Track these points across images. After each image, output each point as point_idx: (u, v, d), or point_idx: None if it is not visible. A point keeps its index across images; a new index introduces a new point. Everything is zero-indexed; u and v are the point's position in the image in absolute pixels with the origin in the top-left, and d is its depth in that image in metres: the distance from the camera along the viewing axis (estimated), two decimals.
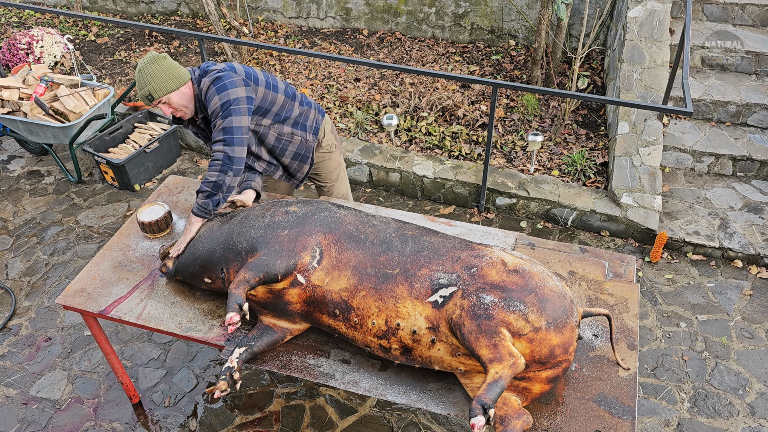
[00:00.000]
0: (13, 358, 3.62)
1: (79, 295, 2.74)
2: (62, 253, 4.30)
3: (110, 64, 6.37)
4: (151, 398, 3.38)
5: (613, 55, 5.37)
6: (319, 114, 3.20)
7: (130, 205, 4.73)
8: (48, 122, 4.56)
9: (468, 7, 6.18)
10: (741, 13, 5.30)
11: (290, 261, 2.33)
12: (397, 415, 3.25)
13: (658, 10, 5.06)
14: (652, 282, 3.99)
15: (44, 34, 6.07)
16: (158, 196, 3.29)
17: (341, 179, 3.46)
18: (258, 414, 3.28)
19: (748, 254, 4.05)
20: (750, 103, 4.77)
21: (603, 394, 2.26)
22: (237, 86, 2.70)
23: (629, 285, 2.67)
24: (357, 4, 6.55)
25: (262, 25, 6.90)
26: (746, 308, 3.80)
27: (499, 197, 4.52)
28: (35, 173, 5.12)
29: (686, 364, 3.49)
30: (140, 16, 7.32)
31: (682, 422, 3.21)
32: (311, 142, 3.13)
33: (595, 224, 4.35)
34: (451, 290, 2.17)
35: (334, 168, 3.38)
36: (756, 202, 4.42)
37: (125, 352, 3.63)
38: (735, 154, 4.58)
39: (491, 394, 1.90)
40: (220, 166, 2.65)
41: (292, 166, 3.15)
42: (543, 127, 5.17)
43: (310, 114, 3.12)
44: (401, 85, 5.76)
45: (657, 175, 4.39)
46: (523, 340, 2.05)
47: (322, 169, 3.35)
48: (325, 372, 2.41)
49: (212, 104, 2.68)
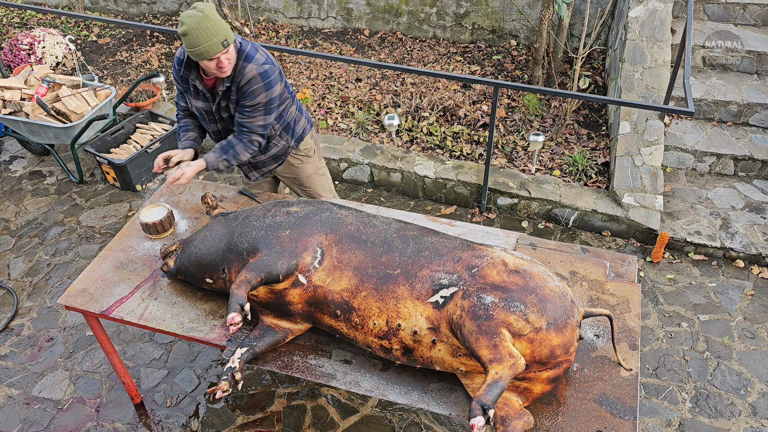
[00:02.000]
0: (15, 358, 3.63)
1: (81, 296, 2.75)
2: (64, 254, 4.31)
3: (112, 64, 6.38)
4: (152, 398, 3.38)
5: (614, 55, 5.37)
6: (308, 124, 3.22)
7: (132, 205, 4.74)
8: (50, 123, 4.57)
9: (469, 7, 6.18)
10: (742, 13, 5.30)
11: (291, 261, 2.33)
12: (398, 415, 3.25)
13: (660, 10, 5.06)
14: (653, 282, 3.98)
15: (46, 34, 6.08)
16: (160, 196, 3.30)
17: (320, 185, 3.41)
18: (260, 414, 3.29)
19: (750, 254, 4.04)
20: (751, 102, 4.77)
21: (604, 394, 2.26)
22: (277, 83, 2.84)
23: (631, 285, 2.67)
24: (358, 5, 6.55)
25: (263, 26, 6.91)
26: (748, 308, 3.79)
27: (500, 197, 4.52)
28: (37, 173, 5.13)
29: (688, 365, 3.49)
30: (141, 17, 7.32)
31: (684, 422, 3.20)
32: (291, 148, 3.17)
33: (597, 224, 4.35)
34: (451, 291, 2.17)
35: (311, 173, 3.34)
36: (757, 202, 4.41)
37: (127, 352, 3.63)
38: (736, 154, 4.57)
39: (491, 394, 1.90)
40: (253, 150, 2.93)
41: (264, 163, 3.19)
42: (544, 127, 5.17)
43: (300, 121, 3.16)
44: (402, 85, 5.76)
45: (658, 175, 4.39)
46: (524, 341, 2.05)
47: (298, 173, 3.32)
48: (326, 372, 2.41)
49: (256, 95, 2.78)
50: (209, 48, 2.57)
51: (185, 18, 2.56)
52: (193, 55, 2.61)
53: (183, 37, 2.58)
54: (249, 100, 2.78)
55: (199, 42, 2.55)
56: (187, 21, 2.55)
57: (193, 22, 2.54)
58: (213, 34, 2.56)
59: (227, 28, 2.63)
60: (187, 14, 2.56)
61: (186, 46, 2.60)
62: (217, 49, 2.58)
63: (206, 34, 2.55)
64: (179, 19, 2.59)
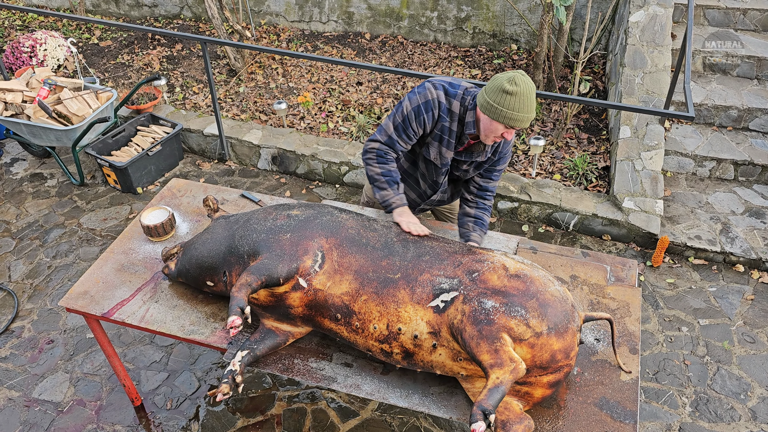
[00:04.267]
0: (16, 360, 3.63)
1: (81, 298, 2.75)
2: (65, 256, 4.31)
3: (113, 67, 6.39)
4: (153, 401, 3.38)
5: (615, 60, 5.38)
6: None
7: (133, 207, 4.75)
8: (51, 125, 4.58)
9: (470, 11, 6.19)
10: (743, 18, 5.31)
11: (292, 265, 2.34)
12: (399, 418, 3.25)
13: (660, 15, 5.07)
14: (653, 286, 3.99)
15: (48, 37, 6.09)
16: (161, 199, 3.30)
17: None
18: (260, 417, 3.28)
19: (750, 259, 4.05)
20: (752, 107, 4.78)
21: (605, 398, 2.27)
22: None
23: (631, 289, 2.68)
24: (359, 8, 6.57)
25: (264, 29, 6.92)
26: (748, 313, 3.80)
27: (501, 201, 4.52)
28: (38, 176, 5.14)
29: (688, 369, 3.49)
30: (143, 20, 7.34)
31: (684, 427, 3.20)
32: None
33: (597, 228, 4.36)
34: (452, 295, 2.17)
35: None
36: (758, 206, 4.42)
37: (127, 354, 3.63)
38: (737, 159, 4.58)
39: (492, 399, 1.90)
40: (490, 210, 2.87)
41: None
42: (545, 131, 5.18)
43: None
44: (403, 88, 5.77)
45: (659, 179, 4.40)
46: (524, 345, 2.05)
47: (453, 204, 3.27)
48: (327, 375, 2.41)
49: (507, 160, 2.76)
50: (525, 120, 2.41)
51: (520, 80, 2.37)
52: (502, 116, 2.40)
53: (507, 95, 2.37)
54: (502, 165, 2.74)
55: (521, 109, 2.38)
56: (521, 85, 2.36)
57: (527, 90, 2.37)
58: (533, 110, 2.43)
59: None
60: (522, 79, 2.38)
61: (504, 104, 2.38)
62: (525, 125, 2.45)
63: (530, 107, 2.40)
64: (513, 77, 2.38)
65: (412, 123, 2.62)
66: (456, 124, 2.60)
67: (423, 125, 2.62)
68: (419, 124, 2.61)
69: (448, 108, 2.58)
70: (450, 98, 2.57)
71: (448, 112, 2.58)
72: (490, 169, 2.74)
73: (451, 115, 2.58)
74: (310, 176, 5.03)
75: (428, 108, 2.58)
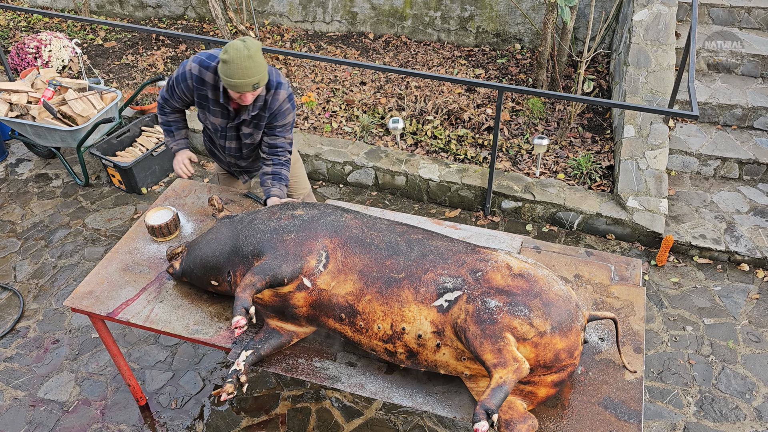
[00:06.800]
0: (21, 360, 3.65)
1: (87, 298, 2.76)
2: (70, 256, 4.33)
3: (118, 67, 6.41)
4: (157, 400, 3.39)
5: (618, 59, 5.37)
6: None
7: (137, 208, 4.76)
8: (56, 126, 4.60)
9: (473, 10, 6.19)
10: (747, 17, 5.29)
11: (296, 265, 2.34)
12: (402, 418, 3.25)
13: (664, 14, 5.06)
14: (658, 285, 3.98)
15: (52, 38, 6.11)
16: (165, 199, 3.31)
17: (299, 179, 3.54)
18: (264, 416, 3.29)
19: (755, 258, 4.04)
20: (756, 106, 4.76)
21: (609, 397, 2.26)
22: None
23: (635, 288, 2.67)
24: (363, 8, 6.57)
25: (268, 29, 6.93)
26: (753, 312, 3.78)
27: (504, 200, 4.52)
28: (43, 176, 5.16)
29: (692, 368, 3.48)
30: (147, 21, 7.36)
31: (689, 426, 3.20)
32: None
33: (601, 227, 4.35)
34: (456, 294, 2.17)
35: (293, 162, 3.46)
36: (762, 205, 4.40)
37: (132, 354, 3.65)
38: (741, 158, 4.57)
39: (495, 399, 1.90)
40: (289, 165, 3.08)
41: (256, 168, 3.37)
42: (548, 131, 5.17)
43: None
44: (407, 88, 5.77)
45: (663, 178, 4.39)
46: (528, 345, 2.05)
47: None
48: (331, 375, 2.42)
49: (286, 116, 2.94)
50: (240, 84, 2.64)
51: (231, 48, 2.59)
52: (223, 82, 2.68)
53: (222, 63, 2.62)
54: (281, 120, 2.94)
55: (233, 75, 2.61)
56: (231, 52, 2.59)
57: (237, 56, 2.58)
58: (249, 75, 2.62)
59: (264, 71, 2.69)
60: (234, 45, 2.59)
61: (221, 71, 2.64)
62: (246, 89, 2.67)
63: (243, 72, 2.61)
64: (227, 45, 2.61)
65: (176, 89, 2.97)
66: (212, 92, 2.88)
67: (183, 93, 2.95)
68: (180, 91, 2.95)
69: (201, 78, 2.85)
70: (203, 69, 2.84)
71: (201, 81, 2.86)
72: (271, 126, 2.96)
73: (204, 84, 2.86)
74: (314, 176, 5.03)
75: (183, 78, 2.90)
